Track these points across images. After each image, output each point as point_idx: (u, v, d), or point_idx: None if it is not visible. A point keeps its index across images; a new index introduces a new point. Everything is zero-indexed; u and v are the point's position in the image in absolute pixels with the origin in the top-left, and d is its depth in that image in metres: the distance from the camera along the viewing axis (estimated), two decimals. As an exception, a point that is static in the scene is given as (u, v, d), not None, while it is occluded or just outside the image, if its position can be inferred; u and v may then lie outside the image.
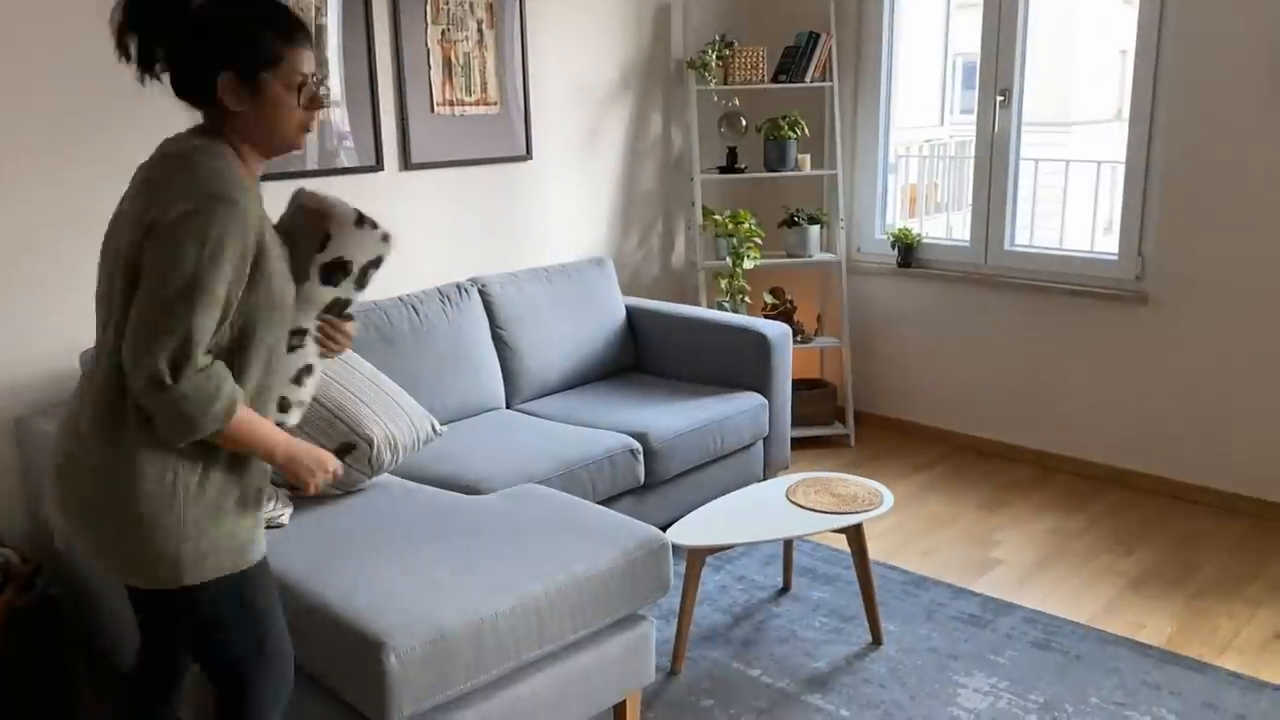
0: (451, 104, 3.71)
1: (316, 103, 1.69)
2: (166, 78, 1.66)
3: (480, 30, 3.75)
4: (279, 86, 1.63)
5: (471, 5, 3.71)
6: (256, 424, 1.66)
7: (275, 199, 3.32)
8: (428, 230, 3.75)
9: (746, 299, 4.39)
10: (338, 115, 3.41)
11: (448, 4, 3.64)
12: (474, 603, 2.14)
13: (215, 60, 1.60)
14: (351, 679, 2.05)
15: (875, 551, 3.55)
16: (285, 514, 2.60)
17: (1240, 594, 3.22)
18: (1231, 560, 3.44)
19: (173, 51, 1.62)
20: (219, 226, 1.52)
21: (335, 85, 3.38)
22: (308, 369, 1.81)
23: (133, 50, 1.63)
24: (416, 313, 3.43)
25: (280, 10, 1.65)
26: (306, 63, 1.67)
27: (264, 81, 1.62)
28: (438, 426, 3.03)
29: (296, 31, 1.65)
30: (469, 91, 3.76)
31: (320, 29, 3.31)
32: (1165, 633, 3.00)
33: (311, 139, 3.36)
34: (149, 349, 1.52)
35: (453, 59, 3.69)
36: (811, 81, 4.43)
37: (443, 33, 3.65)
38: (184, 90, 1.65)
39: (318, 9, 3.29)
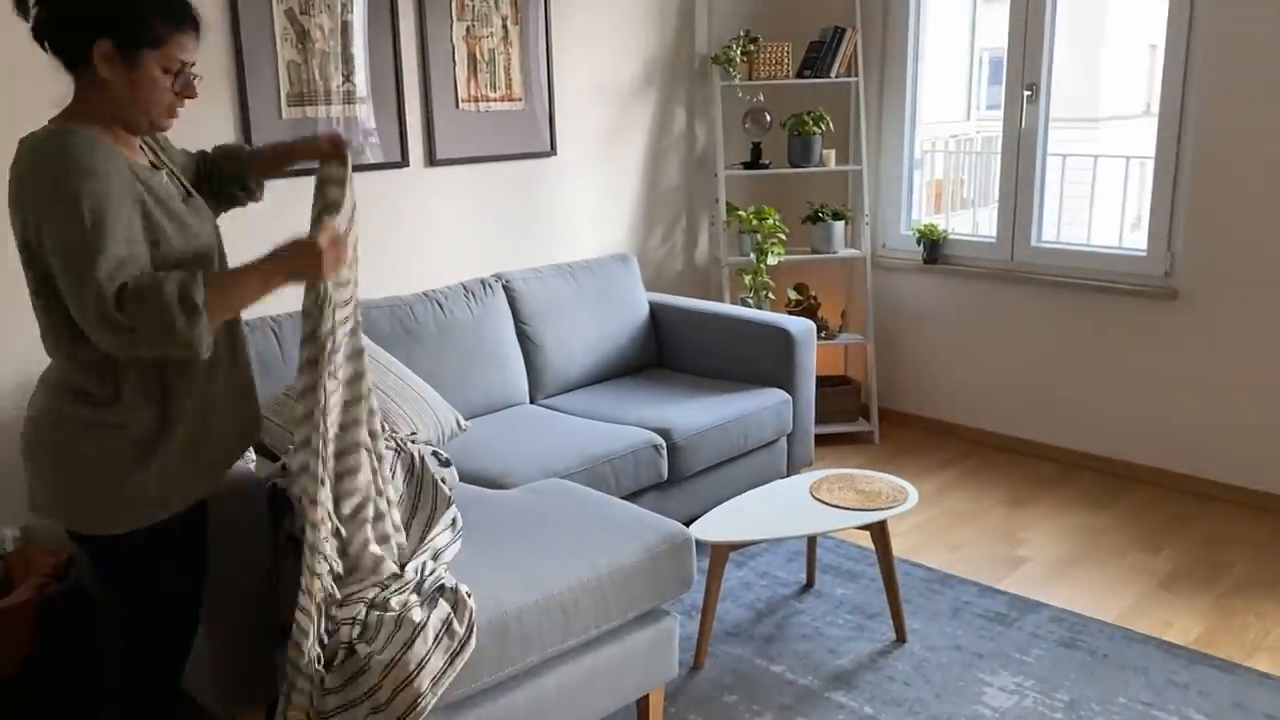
0: (476, 100, 3.72)
1: (189, 91, 1.71)
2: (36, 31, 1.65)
3: (505, 26, 3.76)
4: (156, 67, 1.65)
5: (496, 1, 3.72)
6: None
7: (301, 194, 3.35)
8: (452, 226, 3.76)
9: (770, 295, 4.38)
10: (363, 111, 3.43)
11: (472, 0, 3.65)
12: (498, 596, 2.15)
13: (94, 27, 1.60)
14: (377, 671, 2.06)
15: (900, 548, 3.53)
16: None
17: (1270, 594, 3.18)
18: (1261, 560, 3.40)
19: (58, 8, 1.63)
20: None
21: (360, 81, 3.40)
22: None
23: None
24: (441, 308, 3.44)
25: None
26: (189, 50, 1.68)
27: (141, 57, 1.63)
28: (462, 422, 3.05)
29: (184, 16, 1.67)
30: (494, 87, 3.77)
31: (346, 25, 3.33)
32: (1193, 632, 2.97)
33: (337, 135, 3.38)
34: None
35: (478, 55, 3.70)
36: (837, 77, 4.41)
37: (468, 29, 3.66)
38: (58, 50, 1.64)
39: (344, 5, 3.31)
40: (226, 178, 2.03)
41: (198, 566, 1.92)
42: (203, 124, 3.08)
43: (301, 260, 1.70)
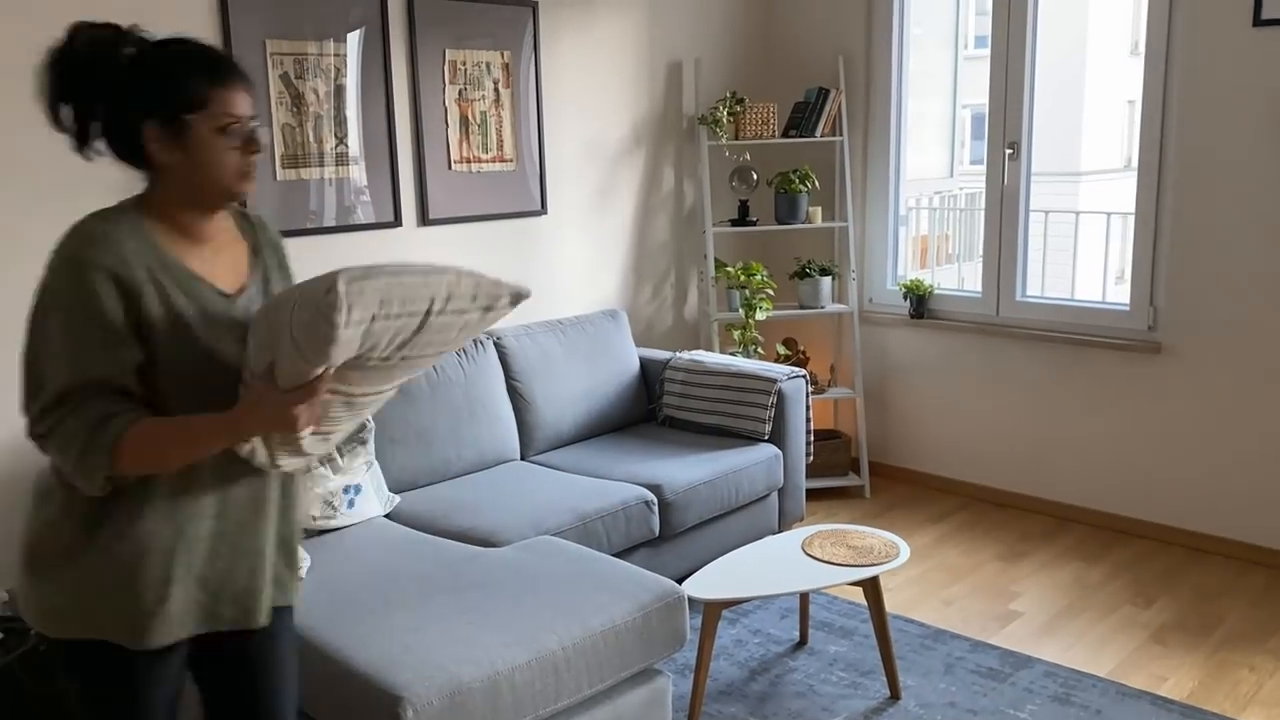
0: (468, 161, 3.78)
1: (252, 146, 1.55)
2: (104, 146, 1.55)
3: (497, 89, 3.83)
4: (206, 130, 1.50)
5: (488, 65, 3.79)
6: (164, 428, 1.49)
7: (297, 253, 3.37)
8: (444, 284, 3.79)
9: (760, 350, 4.41)
10: (356, 172, 3.47)
11: (465, 64, 3.72)
12: (490, 656, 2.14)
13: (137, 110, 1.50)
14: (368, 734, 2.05)
15: (892, 604, 3.52)
16: (302, 567, 2.61)
17: (1262, 647, 3.18)
18: (1253, 612, 3.40)
19: (102, 111, 1.52)
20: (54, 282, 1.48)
21: (354, 143, 3.45)
22: None
23: (67, 120, 1.53)
24: (433, 365, 3.46)
25: (204, 51, 1.53)
26: (239, 104, 1.53)
27: (188, 125, 1.50)
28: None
29: (224, 71, 1.53)
30: (485, 149, 3.83)
31: (339, 89, 3.39)
32: (1187, 687, 2.96)
33: (329, 196, 3.42)
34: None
35: (470, 117, 3.77)
36: (821, 136, 4.49)
37: (460, 92, 3.72)
38: (120, 153, 1.55)
39: (338, 70, 3.37)
40: None
41: None
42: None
43: (271, 420, 1.49)
